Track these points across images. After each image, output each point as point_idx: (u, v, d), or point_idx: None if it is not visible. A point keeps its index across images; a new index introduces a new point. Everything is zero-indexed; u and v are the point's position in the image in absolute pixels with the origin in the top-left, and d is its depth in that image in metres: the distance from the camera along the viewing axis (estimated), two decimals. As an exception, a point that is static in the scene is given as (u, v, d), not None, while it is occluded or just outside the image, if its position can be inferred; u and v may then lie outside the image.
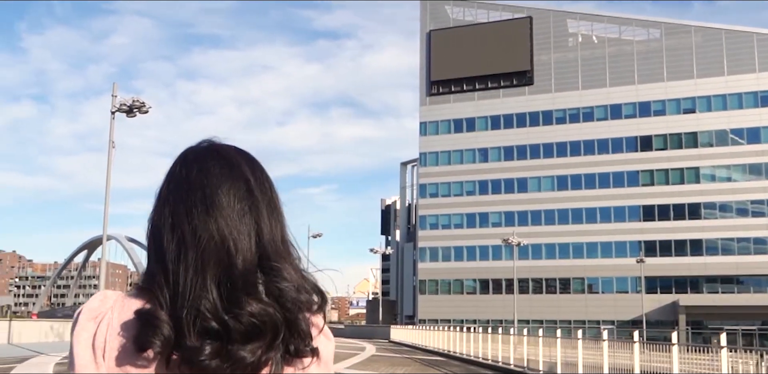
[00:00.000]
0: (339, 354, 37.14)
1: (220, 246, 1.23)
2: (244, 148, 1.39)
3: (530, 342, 28.32)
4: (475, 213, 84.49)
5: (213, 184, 1.28)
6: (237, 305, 1.18)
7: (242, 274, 1.21)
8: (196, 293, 1.19)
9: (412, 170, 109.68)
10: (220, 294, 1.19)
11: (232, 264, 1.22)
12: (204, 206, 1.26)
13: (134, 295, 1.26)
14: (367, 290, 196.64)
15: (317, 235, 74.86)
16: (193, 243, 1.24)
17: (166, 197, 1.31)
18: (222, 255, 1.22)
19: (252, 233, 1.26)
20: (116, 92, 29.69)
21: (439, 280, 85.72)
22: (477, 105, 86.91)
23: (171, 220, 1.27)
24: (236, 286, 1.20)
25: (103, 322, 1.22)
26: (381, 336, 66.27)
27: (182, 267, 1.22)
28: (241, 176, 1.31)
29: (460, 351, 37.23)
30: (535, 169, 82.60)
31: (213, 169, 1.30)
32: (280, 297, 1.22)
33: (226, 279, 1.21)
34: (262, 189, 1.32)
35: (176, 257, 1.24)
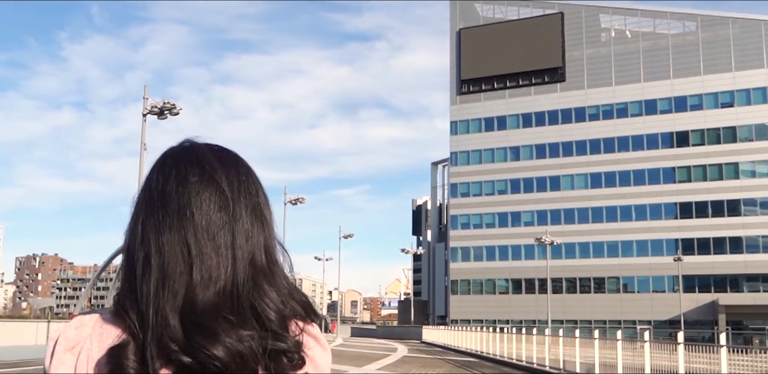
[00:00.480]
0: (370, 355, 37.14)
1: (186, 265, 1.12)
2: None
3: (566, 342, 27.51)
4: (507, 212, 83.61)
5: (189, 193, 1.17)
6: (206, 336, 1.06)
7: (211, 300, 1.10)
8: (158, 321, 1.07)
9: (443, 170, 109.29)
10: (185, 323, 1.07)
11: (199, 287, 1.10)
12: (176, 219, 1.15)
13: (110, 321, 1.15)
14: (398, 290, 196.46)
15: (348, 236, 74.91)
16: (157, 261, 1.13)
17: (141, 207, 1.20)
18: (187, 276, 1.11)
19: (229, 248, 1.15)
20: (147, 95, 29.64)
21: (471, 280, 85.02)
22: (508, 103, 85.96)
23: (141, 234, 1.17)
24: (202, 317, 1.08)
25: (83, 354, 1.13)
26: (413, 336, 65.96)
27: (145, 289, 1.11)
28: (219, 183, 1.19)
29: (492, 352, 36.57)
30: (568, 167, 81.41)
31: (190, 177, 1.19)
32: (262, 316, 1.12)
33: (190, 305, 1.09)
34: (245, 195, 1.20)
35: (141, 277, 1.13)
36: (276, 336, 1.11)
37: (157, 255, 1.13)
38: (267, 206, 1.25)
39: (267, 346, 1.09)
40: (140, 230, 1.17)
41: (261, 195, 1.25)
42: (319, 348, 1.21)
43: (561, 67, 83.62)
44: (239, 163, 1.26)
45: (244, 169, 1.25)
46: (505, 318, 76.49)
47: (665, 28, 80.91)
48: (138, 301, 1.11)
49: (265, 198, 1.26)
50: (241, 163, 1.27)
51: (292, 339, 1.13)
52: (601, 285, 78.69)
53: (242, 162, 1.27)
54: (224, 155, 1.26)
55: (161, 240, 1.14)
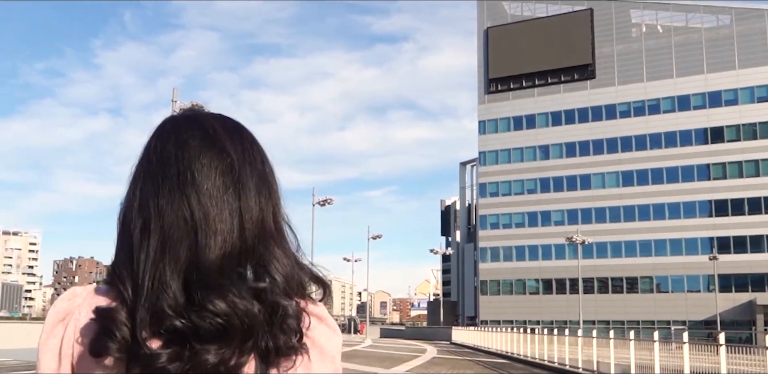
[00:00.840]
0: (399, 356, 36.49)
1: (189, 229, 1.07)
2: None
3: (599, 343, 26.77)
4: (537, 211, 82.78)
5: (189, 157, 1.12)
6: (203, 301, 1.01)
7: (216, 262, 1.06)
8: (155, 287, 1.03)
9: (472, 170, 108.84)
10: (185, 288, 1.04)
11: (203, 251, 1.06)
12: (177, 182, 1.10)
13: (103, 291, 1.12)
14: (428, 291, 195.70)
15: (377, 237, 74.88)
16: (157, 226, 1.08)
17: (139, 174, 1.15)
18: (191, 240, 1.07)
19: (235, 212, 1.10)
20: (176, 97, 29.91)
21: (500, 280, 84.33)
22: (537, 101, 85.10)
23: (139, 200, 1.12)
24: (207, 277, 1.04)
25: (71, 325, 1.10)
26: (442, 337, 65.49)
27: (143, 256, 1.07)
28: (223, 147, 1.14)
29: (523, 353, 35.90)
30: (598, 165, 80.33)
31: (191, 141, 1.14)
32: (264, 287, 1.06)
33: (194, 268, 1.05)
34: (250, 162, 1.16)
35: (139, 244, 1.09)
36: (278, 296, 1.07)
37: (158, 219, 1.09)
38: (273, 176, 1.20)
39: (270, 301, 1.05)
40: (138, 196, 1.13)
41: (267, 164, 1.20)
42: (325, 329, 1.15)
43: (591, 64, 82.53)
44: (243, 130, 1.22)
45: (248, 137, 1.21)
46: (535, 318, 75.65)
47: (698, 22, 79.42)
48: (134, 269, 1.07)
49: (271, 169, 1.21)
50: (246, 131, 1.22)
51: (294, 305, 1.08)
52: (633, 285, 77.51)
53: (247, 131, 1.23)
54: (228, 122, 1.21)
55: (161, 205, 1.09)
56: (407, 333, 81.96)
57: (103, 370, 1.05)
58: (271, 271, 1.08)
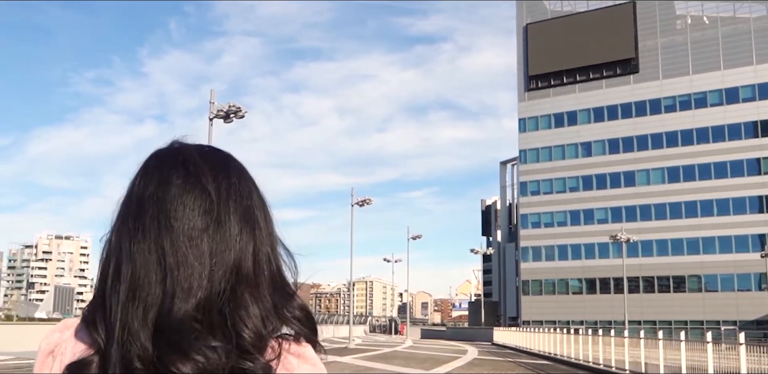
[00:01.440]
0: (439, 357, 35.98)
1: (160, 274, 1.02)
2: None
3: (647, 344, 25.74)
4: (579, 209, 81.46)
5: (168, 198, 1.07)
6: (167, 360, 0.97)
7: (188, 312, 1.00)
8: (124, 337, 0.99)
9: (512, 169, 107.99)
10: (157, 339, 0.99)
11: (172, 300, 1.01)
12: (153, 225, 1.05)
13: (85, 330, 1.08)
14: (469, 291, 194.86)
15: (416, 237, 74.75)
16: (128, 271, 1.04)
17: (120, 213, 1.11)
18: (162, 286, 1.02)
19: (213, 254, 1.05)
20: (214, 99, 30.07)
21: (542, 280, 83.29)
22: (578, 97, 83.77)
23: (114, 242, 1.09)
24: (180, 326, 0.99)
25: (58, 358, 1.08)
26: (483, 338, 64.92)
27: (113, 302, 1.03)
28: (203, 186, 1.09)
29: (567, 355, 34.99)
30: (643, 161, 78.55)
31: (174, 180, 1.09)
32: (237, 335, 1.01)
33: (166, 317, 1.00)
34: (234, 198, 1.10)
35: (110, 289, 1.05)
36: (244, 355, 1.01)
37: (128, 263, 1.04)
38: (261, 209, 1.14)
39: (234, 363, 0.99)
40: (114, 237, 1.09)
41: (254, 197, 1.14)
42: (309, 367, 1.08)
43: (634, 58, 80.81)
44: (230, 163, 1.17)
45: (236, 170, 1.15)
46: (578, 319, 74.58)
47: (746, 12, 77.13)
48: (105, 316, 1.04)
49: (261, 201, 1.15)
50: (233, 163, 1.17)
51: (261, 361, 1.02)
52: (680, 284, 75.61)
53: (234, 163, 1.18)
54: (214, 156, 1.16)
55: (133, 248, 1.05)
56: (448, 334, 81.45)
57: None
58: (238, 325, 1.02)
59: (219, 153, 1.18)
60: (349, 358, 32.40)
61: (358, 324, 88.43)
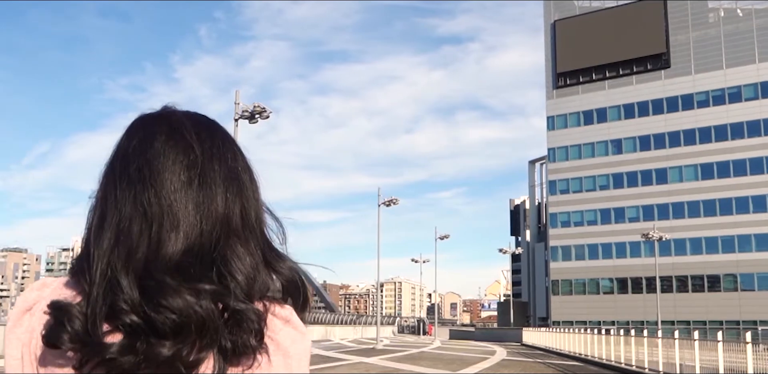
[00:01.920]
0: (467, 358, 35.38)
1: (147, 223, 1.06)
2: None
3: (682, 345, 24.86)
4: (610, 208, 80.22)
5: (152, 152, 1.11)
6: (158, 297, 0.99)
7: (174, 258, 1.04)
8: (106, 281, 1.02)
9: (541, 168, 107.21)
10: (140, 283, 1.01)
11: (161, 246, 1.05)
12: (137, 176, 1.09)
13: (71, 284, 1.10)
14: (498, 292, 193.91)
15: (444, 237, 74.26)
16: (114, 220, 1.07)
17: (106, 170, 1.15)
18: (148, 234, 1.05)
19: (199, 206, 1.08)
20: (239, 99, 30.23)
21: (572, 280, 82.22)
22: (608, 94, 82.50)
23: (101, 195, 1.12)
24: (164, 273, 1.02)
25: (36, 315, 1.08)
26: (512, 339, 64.25)
27: (97, 250, 1.06)
28: (188, 142, 1.13)
29: (598, 356, 34.15)
30: (675, 158, 77.09)
31: (158, 136, 1.14)
32: (218, 290, 1.03)
33: (152, 263, 1.03)
34: (217, 157, 1.14)
35: (95, 238, 1.09)
36: (237, 298, 1.03)
37: (113, 213, 1.08)
38: (247, 172, 1.18)
39: (229, 305, 1.02)
40: (100, 192, 1.13)
41: (240, 161, 1.18)
42: (291, 332, 1.10)
43: (665, 53, 79.26)
44: (215, 127, 1.21)
45: (221, 133, 1.20)
46: (610, 319, 73.55)
47: (782, 3, 75.47)
48: (89, 263, 1.06)
49: (246, 166, 1.19)
50: (219, 128, 1.21)
51: (253, 306, 1.04)
52: (715, 284, 74.02)
53: (221, 129, 1.22)
54: (200, 118, 1.21)
55: (119, 198, 1.08)
56: (477, 335, 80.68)
57: (64, 360, 1.03)
58: (232, 271, 1.05)
59: (204, 116, 1.22)
60: (375, 359, 32.08)
61: (387, 324, 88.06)
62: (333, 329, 64.44)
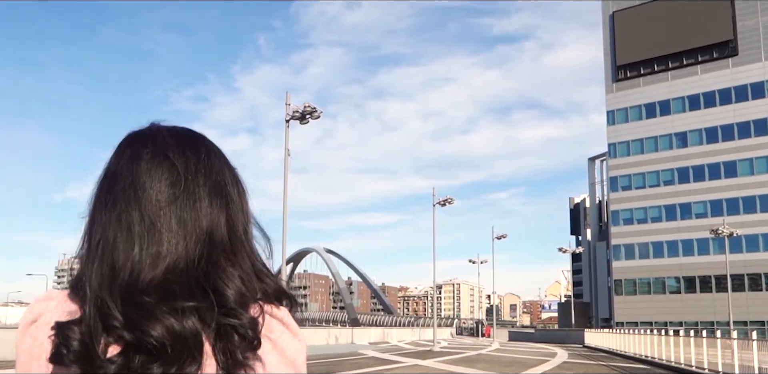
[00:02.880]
0: (526, 360, 34.13)
1: (130, 241, 1.08)
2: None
3: (760, 347, 22.98)
4: (675, 204, 77.18)
5: (138, 171, 1.13)
6: (137, 318, 1.01)
7: (157, 276, 1.06)
8: (99, 300, 1.04)
9: (601, 165, 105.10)
10: (126, 300, 1.03)
11: (144, 264, 1.07)
12: (122, 196, 1.12)
13: (71, 296, 1.12)
14: (558, 293, 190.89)
15: (501, 236, 73.05)
16: (100, 239, 1.11)
17: (95, 190, 1.18)
18: (130, 251, 1.08)
19: (184, 223, 1.11)
20: (289, 101, 30.35)
21: (636, 280, 79.64)
22: (671, 85, 79.45)
23: (90, 215, 1.15)
24: (151, 289, 1.04)
25: (42, 327, 1.10)
26: (574, 340, 62.48)
27: (88, 270, 1.09)
28: (170, 160, 1.15)
29: (666, 358, 32.31)
30: (745, 150, 73.65)
31: (144, 155, 1.16)
32: (216, 293, 1.07)
33: (135, 281, 1.05)
34: (203, 172, 1.16)
35: (86, 256, 1.12)
36: (228, 312, 1.06)
37: (100, 231, 1.11)
38: (234, 185, 1.20)
39: (218, 321, 1.04)
40: (90, 210, 1.16)
41: (225, 173, 1.20)
42: (287, 332, 1.14)
43: (732, 40, 75.79)
44: (200, 141, 1.23)
45: (205, 147, 1.21)
46: (677, 319, 71.14)
47: None
48: (83, 281, 1.09)
49: (233, 177, 1.21)
50: (204, 141, 1.23)
51: (247, 316, 1.07)
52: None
53: (205, 141, 1.24)
54: (183, 134, 1.22)
55: (104, 218, 1.11)
56: (537, 336, 78.88)
57: (68, 372, 1.05)
58: (217, 286, 1.07)
59: (189, 132, 1.23)
60: (431, 362, 31.21)
61: (445, 326, 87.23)
62: (390, 331, 64.15)
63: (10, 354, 20.60)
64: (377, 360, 31.62)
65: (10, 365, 23.64)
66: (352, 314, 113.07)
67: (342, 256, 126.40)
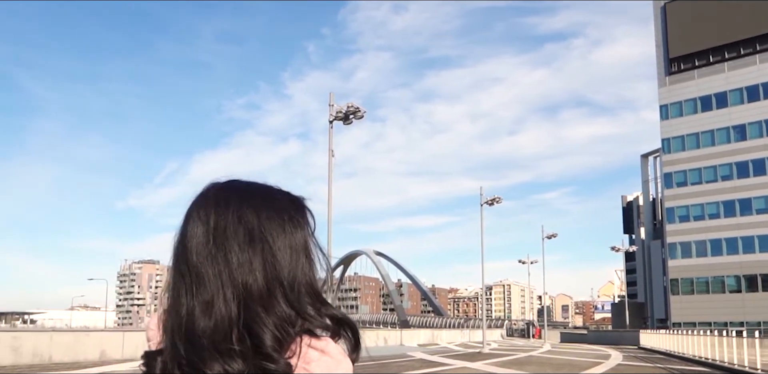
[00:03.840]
0: (578, 363, 33.13)
1: (187, 293, 1.22)
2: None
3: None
4: (734, 199, 74.25)
5: (186, 224, 1.28)
6: (203, 358, 1.15)
7: (210, 323, 1.18)
8: (172, 340, 1.20)
9: (654, 161, 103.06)
10: (188, 345, 1.18)
11: (200, 313, 1.19)
12: (179, 252, 1.26)
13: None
14: (612, 293, 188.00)
15: (551, 236, 72.42)
16: (168, 286, 1.27)
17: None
18: (186, 302, 1.22)
19: (219, 275, 1.21)
20: (333, 101, 30.39)
21: (694, 279, 77.08)
22: (727, 77, 76.64)
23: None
24: (202, 337, 1.17)
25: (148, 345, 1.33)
26: (629, 341, 60.79)
27: (165, 312, 1.25)
28: (207, 217, 1.26)
29: (729, 360, 30.50)
30: (809, 142, 70.86)
31: (193, 209, 1.29)
32: (257, 340, 1.17)
33: (191, 329, 1.19)
34: (234, 224, 1.25)
35: (166, 300, 1.28)
36: (266, 358, 1.15)
37: (170, 280, 1.27)
38: (270, 230, 1.26)
39: (257, 365, 1.14)
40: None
41: (263, 218, 1.26)
42: (326, 360, 1.19)
43: (791, 27, 72.93)
44: (234, 191, 1.30)
45: (238, 195, 1.29)
46: (738, 319, 68.58)
47: None
48: (165, 320, 1.26)
49: (270, 221, 1.26)
50: (242, 190, 1.31)
51: (282, 360, 1.16)
52: None
53: (240, 190, 1.31)
54: (226, 187, 1.32)
55: (172, 267, 1.27)
56: (590, 338, 77.11)
57: None
58: (255, 332, 1.17)
59: (233, 183, 1.33)
60: (479, 364, 30.31)
61: (495, 328, 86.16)
62: (440, 333, 63.51)
63: (79, 356, 22.31)
64: (424, 362, 31.11)
65: (76, 366, 24.38)
66: (402, 316, 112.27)
67: (391, 258, 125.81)
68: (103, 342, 28.00)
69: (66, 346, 26.50)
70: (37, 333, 29.89)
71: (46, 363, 25.11)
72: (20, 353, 24.64)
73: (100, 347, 27.62)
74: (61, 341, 26.80)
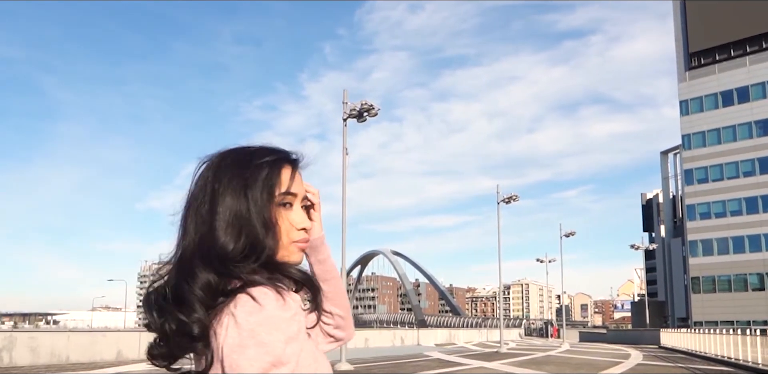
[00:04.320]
0: (597, 362, 32.56)
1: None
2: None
3: None
4: (757, 196, 72.99)
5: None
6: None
7: (172, 277, 1.29)
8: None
9: (674, 158, 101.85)
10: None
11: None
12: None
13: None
14: (631, 292, 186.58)
15: (569, 234, 71.42)
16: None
17: None
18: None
19: (183, 226, 1.34)
20: (347, 99, 30.32)
21: (715, 277, 75.89)
22: (749, 71, 75.35)
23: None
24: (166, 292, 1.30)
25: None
26: (649, 341, 59.93)
27: None
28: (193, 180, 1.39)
29: (753, 360, 29.86)
30: (833, 136, 69.68)
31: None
32: (166, 307, 1.28)
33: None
34: (200, 183, 1.37)
35: None
36: (185, 311, 1.24)
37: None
38: (223, 196, 1.32)
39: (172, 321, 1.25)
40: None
41: (209, 183, 1.34)
42: (250, 305, 1.21)
43: (815, 20, 71.72)
44: (218, 156, 1.40)
45: (217, 159, 1.39)
46: (761, 318, 67.46)
47: None
48: None
49: (212, 184, 1.34)
50: (221, 156, 1.40)
51: (197, 318, 1.22)
52: None
53: (220, 155, 1.40)
54: (217, 153, 1.42)
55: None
56: (609, 337, 76.32)
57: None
58: (190, 284, 1.24)
59: (225, 150, 1.43)
60: (496, 364, 29.76)
61: (513, 327, 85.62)
62: (457, 332, 62.99)
63: (96, 356, 22.41)
64: (441, 362, 30.66)
65: (92, 366, 24.51)
66: (419, 315, 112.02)
67: (409, 258, 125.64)
68: (119, 342, 28.20)
69: (83, 346, 26.76)
70: (54, 334, 30.00)
71: (63, 363, 25.29)
72: (38, 353, 24.93)
73: (116, 347, 27.86)
74: (78, 341, 27.03)
